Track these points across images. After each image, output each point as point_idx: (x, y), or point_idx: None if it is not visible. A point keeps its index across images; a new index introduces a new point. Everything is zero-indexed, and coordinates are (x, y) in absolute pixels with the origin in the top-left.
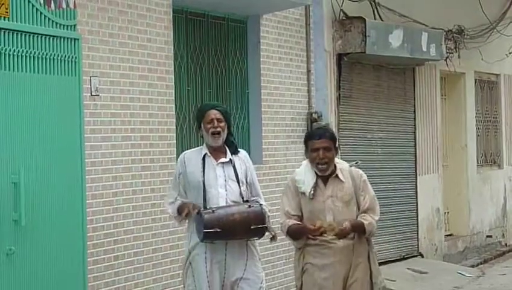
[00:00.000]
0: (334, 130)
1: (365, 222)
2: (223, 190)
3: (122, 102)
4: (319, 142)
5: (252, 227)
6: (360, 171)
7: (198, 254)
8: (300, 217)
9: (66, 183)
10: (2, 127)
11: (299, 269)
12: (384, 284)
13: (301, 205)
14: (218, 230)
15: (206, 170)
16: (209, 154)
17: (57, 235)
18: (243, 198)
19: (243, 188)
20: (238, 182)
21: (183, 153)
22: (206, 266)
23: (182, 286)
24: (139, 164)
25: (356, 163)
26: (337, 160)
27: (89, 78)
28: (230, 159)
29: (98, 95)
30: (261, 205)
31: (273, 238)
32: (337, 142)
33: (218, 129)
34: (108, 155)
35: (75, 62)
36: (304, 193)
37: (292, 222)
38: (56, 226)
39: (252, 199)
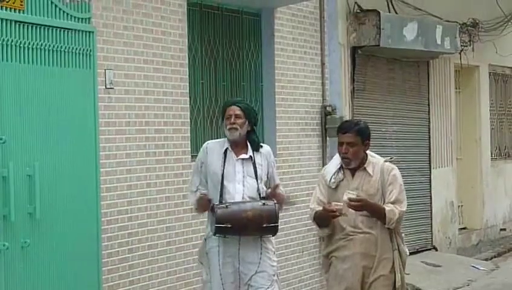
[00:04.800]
0: (364, 124)
1: (387, 208)
2: (240, 185)
3: (136, 95)
4: (343, 137)
5: (263, 225)
6: (392, 166)
7: (213, 246)
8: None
9: (81, 176)
10: (16, 120)
11: (327, 262)
12: (400, 284)
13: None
14: (229, 226)
15: (226, 164)
16: (230, 149)
17: (72, 228)
18: (259, 195)
19: (261, 185)
20: (256, 178)
21: (207, 142)
22: (219, 259)
23: (197, 278)
24: (154, 157)
25: (391, 158)
26: (372, 154)
27: (104, 71)
28: (250, 156)
29: (113, 88)
30: (275, 203)
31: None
32: (367, 137)
33: (235, 125)
34: (123, 148)
35: (89, 55)
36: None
37: (319, 208)
38: (71, 219)
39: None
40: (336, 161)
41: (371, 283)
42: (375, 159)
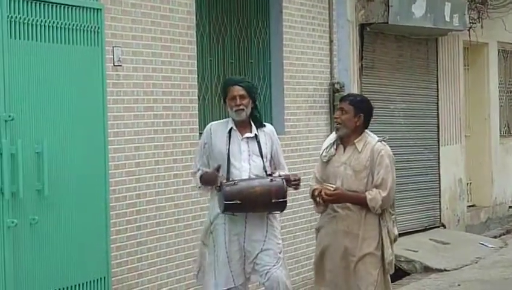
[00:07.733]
0: (364, 98)
1: (368, 196)
2: (246, 163)
3: (144, 72)
4: (340, 103)
5: (272, 201)
6: (382, 147)
7: (218, 224)
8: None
9: (89, 153)
10: (25, 98)
11: (318, 235)
12: (391, 259)
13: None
14: (239, 202)
15: (231, 144)
16: (235, 128)
17: (80, 205)
18: (266, 172)
19: (267, 163)
20: (261, 156)
21: (210, 124)
22: (225, 237)
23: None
24: (162, 135)
25: (384, 138)
26: (370, 133)
27: (112, 48)
28: (255, 134)
29: (121, 66)
30: (283, 179)
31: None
32: (362, 111)
33: (241, 106)
34: (131, 126)
35: (97, 32)
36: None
37: (316, 186)
38: (79, 196)
39: (276, 171)
40: (331, 136)
41: (358, 261)
42: (369, 138)
